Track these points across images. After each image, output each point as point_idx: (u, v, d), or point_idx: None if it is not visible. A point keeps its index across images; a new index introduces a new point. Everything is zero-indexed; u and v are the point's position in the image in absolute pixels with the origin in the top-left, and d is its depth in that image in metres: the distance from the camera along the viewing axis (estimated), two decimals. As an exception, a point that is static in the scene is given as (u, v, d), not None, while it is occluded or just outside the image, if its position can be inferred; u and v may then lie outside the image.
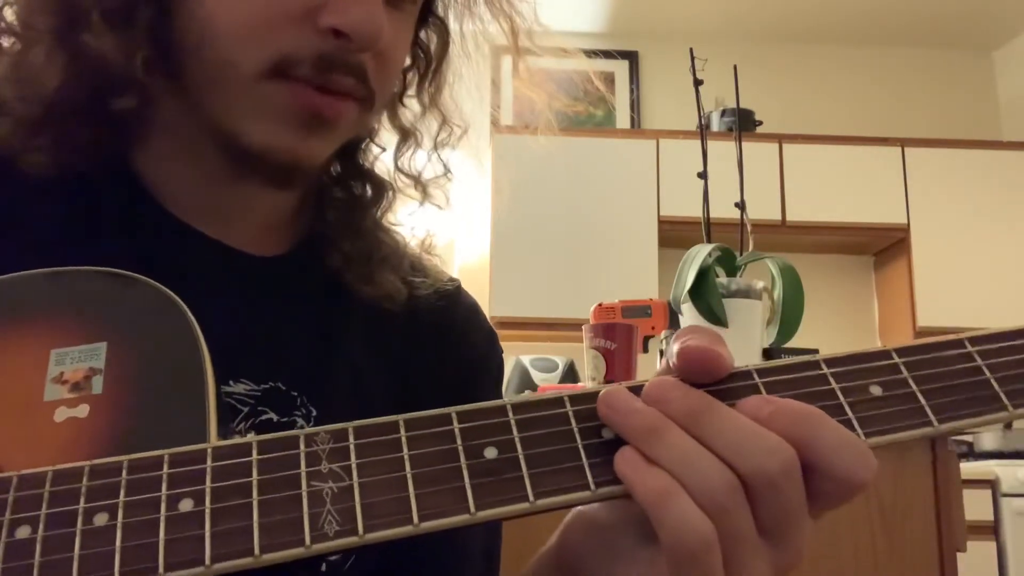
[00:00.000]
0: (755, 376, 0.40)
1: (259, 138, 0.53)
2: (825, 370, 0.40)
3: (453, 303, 0.69)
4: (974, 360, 0.41)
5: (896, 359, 0.40)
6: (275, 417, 0.54)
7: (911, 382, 0.40)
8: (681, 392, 0.38)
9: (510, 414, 0.38)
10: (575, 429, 0.38)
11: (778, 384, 0.39)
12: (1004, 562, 2.99)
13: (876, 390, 0.39)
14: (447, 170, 0.69)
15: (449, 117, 0.68)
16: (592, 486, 0.36)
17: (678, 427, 0.36)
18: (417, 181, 0.68)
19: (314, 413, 0.56)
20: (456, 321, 0.68)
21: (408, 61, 0.66)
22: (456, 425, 0.38)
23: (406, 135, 0.67)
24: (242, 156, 0.54)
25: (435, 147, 0.68)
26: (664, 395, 0.37)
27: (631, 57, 4.21)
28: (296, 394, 0.55)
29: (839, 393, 0.39)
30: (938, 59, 4.29)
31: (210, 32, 0.52)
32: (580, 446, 0.37)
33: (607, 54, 4.16)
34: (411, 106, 0.67)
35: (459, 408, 0.38)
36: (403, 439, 0.37)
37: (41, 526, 0.34)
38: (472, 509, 0.35)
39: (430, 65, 0.67)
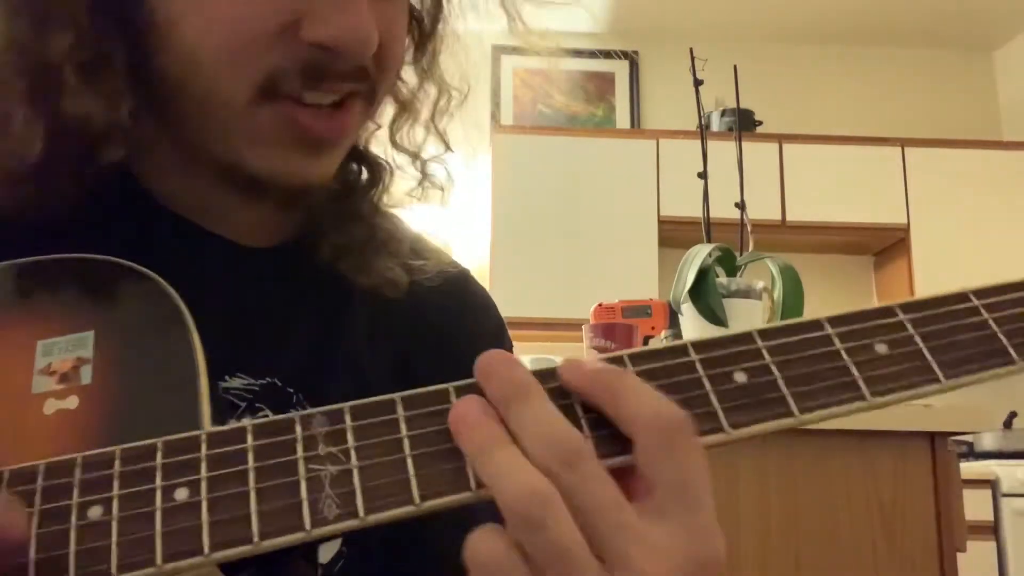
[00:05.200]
0: (757, 339, 0.39)
1: (261, 164, 0.51)
2: (829, 330, 0.39)
3: (460, 293, 0.66)
4: (980, 314, 0.40)
5: (900, 315, 0.39)
6: (271, 414, 0.53)
7: (917, 339, 0.39)
8: (505, 370, 0.36)
9: None
10: (576, 403, 0.37)
11: (779, 348, 0.38)
12: (1004, 562, 2.98)
13: (881, 348, 0.38)
14: (446, 145, 0.66)
15: (448, 83, 0.64)
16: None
17: (506, 440, 0.35)
18: (416, 157, 0.65)
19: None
20: (463, 314, 0.66)
21: None
22: (454, 402, 0.37)
23: (403, 107, 0.64)
24: (248, 181, 0.53)
25: (432, 116, 0.65)
26: (491, 370, 0.36)
27: (631, 57, 4.21)
28: (292, 390, 0.54)
29: (843, 353, 0.38)
30: (938, 59, 4.29)
31: (192, 64, 0.49)
32: (583, 420, 0.36)
33: (607, 54, 4.17)
34: (408, 78, 0.64)
35: (457, 384, 0.38)
36: (400, 419, 0.36)
37: (35, 522, 0.34)
38: (473, 486, 0.35)
39: (424, 32, 0.63)
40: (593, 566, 0.33)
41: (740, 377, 0.38)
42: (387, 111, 0.64)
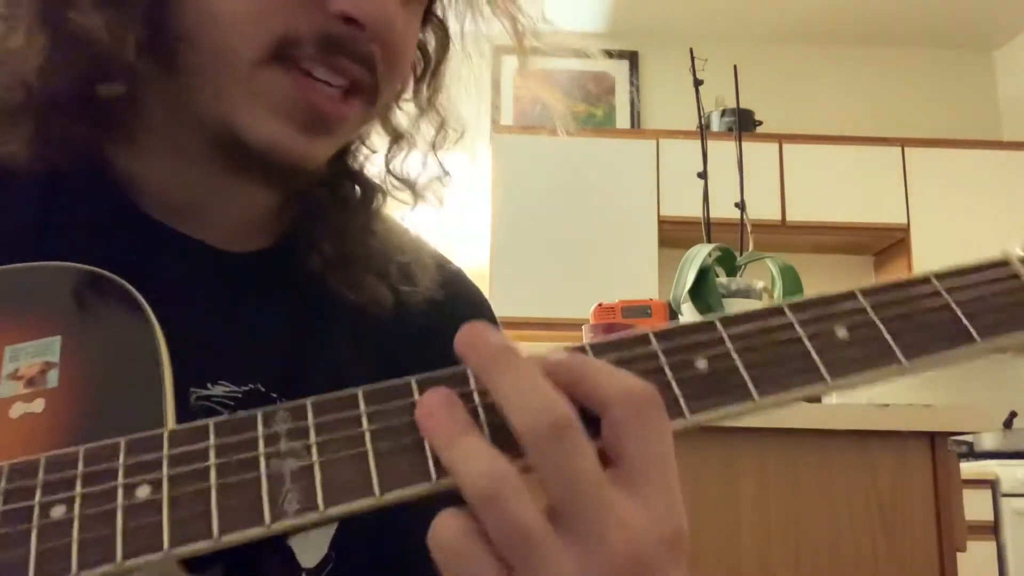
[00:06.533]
0: (719, 326, 0.39)
1: (260, 134, 0.51)
2: (790, 316, 0.39)
3: (451, 294, 0.66)
4: (941, 296, 0.40)
5: (862, 300, 0.40)
6: None
7: (878, 322, 0.39)
8: (488, 336, 0.36)
9: (472, 383, 0.37)
10: None
11: (741, 335, 0.39)
12: (1004, 562, 2.99)
13: (842, 332, 0.39)
14: (445, 172, 0.66)
15: (446, 120, 0.65)
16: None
17: (470, 427, 0.35)
18: (410, 185, 0.66)
19: None
20: (454, 314, 0.64)
21: None
22: (417, 396, 0.37)
23: (398, 138, 0.65)
24: (241, 154, 0.52)
25: (432, 148, 0.66)
26: (473, 339, 0.36)
27: (631, 57, 4.21)
28: (276, 396, 0.54)
29: (805, 339, 0.38)
30: (938, 59, 4.29)
31: (209, 18, 0.49)
32: None
33: (607, 54, 4.17)
34: (405, 108, 0.65)
35: (419, 376, 0.37)
36: (363, 415, 0.36)
37: None
38: (433, 477, 0.35)
39: (428, 66, 0.64)
40: (556, 544, 0.32)
41: (701, 364, 0.38)
42: (383, 141, 0.65)
